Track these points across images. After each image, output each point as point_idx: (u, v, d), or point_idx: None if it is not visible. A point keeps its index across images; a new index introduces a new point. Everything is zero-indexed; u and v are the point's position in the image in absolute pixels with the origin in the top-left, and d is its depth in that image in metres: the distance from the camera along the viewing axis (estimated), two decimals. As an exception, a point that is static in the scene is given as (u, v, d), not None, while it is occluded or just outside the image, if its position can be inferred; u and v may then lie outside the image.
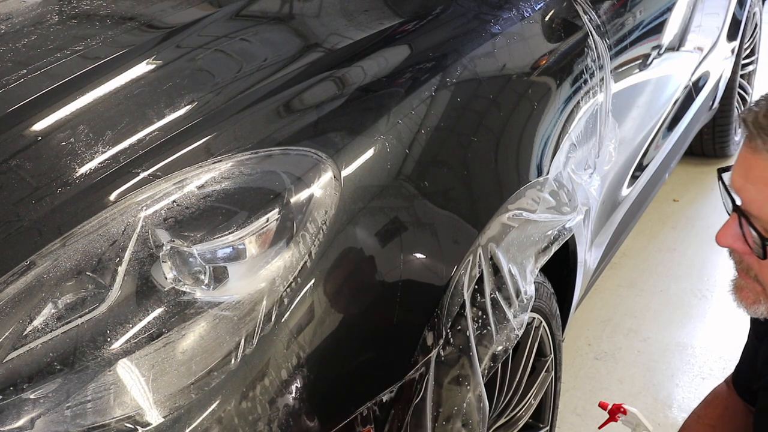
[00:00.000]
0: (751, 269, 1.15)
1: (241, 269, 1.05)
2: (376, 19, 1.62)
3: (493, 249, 1.35)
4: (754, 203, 1.08)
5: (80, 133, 1.26)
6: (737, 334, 1.46)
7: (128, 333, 0.99)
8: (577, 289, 1.94)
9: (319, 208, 1.12)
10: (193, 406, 0.97)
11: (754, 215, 1.08)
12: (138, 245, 1.05)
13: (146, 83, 1.38)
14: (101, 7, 1.72)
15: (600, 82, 1.84)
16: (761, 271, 1.13)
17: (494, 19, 1.67)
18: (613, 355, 2.52)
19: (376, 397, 1.15)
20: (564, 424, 2.21)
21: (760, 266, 1.12)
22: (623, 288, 2.86)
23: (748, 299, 1.18)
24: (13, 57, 1.50)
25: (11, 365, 0.96)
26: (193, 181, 1.12)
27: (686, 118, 2.84)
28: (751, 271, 1.15)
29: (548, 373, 1.75)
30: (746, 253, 1.13)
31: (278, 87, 1.35)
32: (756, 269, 1.14)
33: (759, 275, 1.14)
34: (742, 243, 1.12)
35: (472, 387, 1.27)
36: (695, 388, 2.35)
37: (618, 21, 2.04)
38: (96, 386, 0.95)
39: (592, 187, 1.83)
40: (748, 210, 1.09)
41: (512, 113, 1.54)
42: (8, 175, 1.20)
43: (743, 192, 1.10)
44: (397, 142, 1.27)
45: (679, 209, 3.38)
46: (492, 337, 1.34)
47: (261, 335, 1.02)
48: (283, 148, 1.20)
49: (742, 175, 1.09)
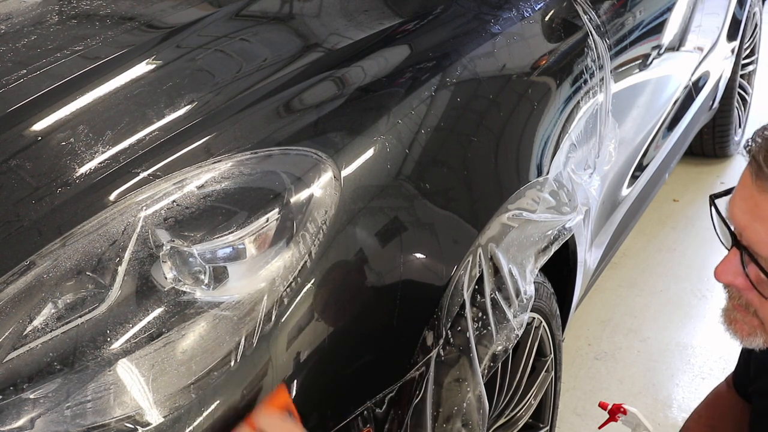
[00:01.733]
0: (750, 305, 1.10)
1: (241, 269, 1.05)
2: (376, 19, 1.62)
3: (493, 249, 1.35)
4: (762, 244, 1.01)
5: (80, 133, 1.26)
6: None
7: (128, 333, 0.99)
8: (577, 289, 1.94)
9: (319, 208, 1.12)
10: (193, 406, 0.97)
11: (758, 253, 1.03)
12: (138, 245, 1.05)
13: (146, 83, 1.38)
14: (101, 7, 1.72)
15: (600, 82, 1.84)
16: (762, 307, 1.08)
17: (494, 19, 1.67)
18: (613, 355, 2.52)
19: (376, 397, 1.15)
20: (564, 424, 2.21)
21: (761, 303, 1.07)
22: (623, 288, 2.86)
23: (743, 332, 1.13)
24: (13, 57, 1.50)
25: (11, 365, 0.96)
26: (193, 181, 1.12)
27: (686, 118, 2.84)
28: (751, 307, 1.10)
29: (548, 373, 1.75)
30: (747, 290, 1.08)
31: (278, 87, 1.35)
32: (756, 305, 1.09)
33: (759, 311, 1.09)
34: (744, 279, 1.06)
35: (472, 387, 1.27)
36: (695, 388, 2.35)
37: (618, 21, 2.04)
38: (96, 386, 0.95)
39: (592, 187, 1.83)
40: (753, 249, 1.03)
41: (512, 113, 1.54)
42: (8, 175, 1.20)
43: (749, 230, 1.03)
44: (397, 142, 1.27)
45: (679, 209, 3.38)
46: (492, 337, 1.34)
47: (261, 335, 1.02)
48: (283, 148, 1.20)
49: (748, 212, 1.02)
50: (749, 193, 1.02)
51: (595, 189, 1.85)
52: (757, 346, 1.13)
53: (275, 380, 1.02)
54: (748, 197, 1.02)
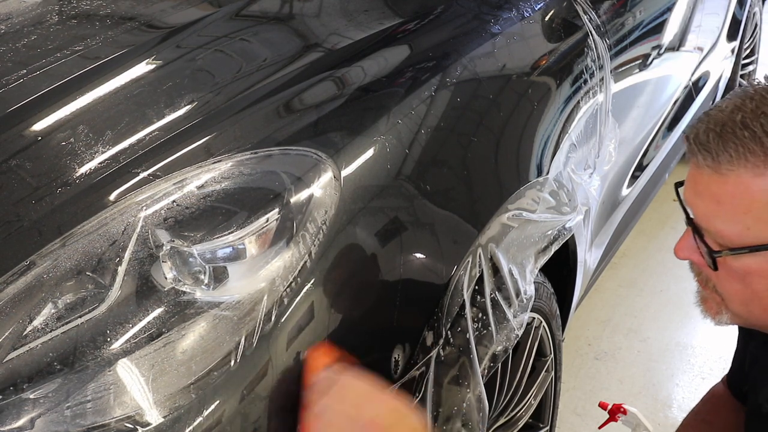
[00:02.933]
0: (710, 280, 1.18)
1: (241, 269, 1.05)
2: (376, 19, 1.62)
3: (492, 249, 1.35)
4: (703, 217, 1.12)
5: (80, 133, 1.26)
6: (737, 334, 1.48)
7: (128, 333, 0.99)
8: (577, 289, 1.94)
9: (319, 208, 1.12)
10: (193, 406, 0.97)
11: (704, 227, 1.12)
12: (138, 245, 1.05)
13: (146, 83, 1.38)
14: (101, 7, 1.72)
15: (600, 82, 1.84)
16: (719, 282, 1.15)
17: (494, 19, 1.67)
18: (613, 355, 2.52)
19: (376, 397, 1.15)
20: (564, 424, 2.21)
21: (717, 278, 1.14)
22: (623, 288, 2.86)
23: (711, 310, 1.21)
24: (13, 57, 1.50)
25: (11, 365, 0.96)
26: (193, 181, 1.12)
27: (686, 118, 2.84)
28: (710, 282, 1.18)
29: (548, 373, 1.75)
30: (703, 265, 1.16)
31: (278, 87, 1.35)
32: (714, 281, 1.16)
33: (717, 286, 1.16)
34: (698, 255, 1.15)
35: (472, 387, 1.27)
36: (695, 388, 2.35)
37: (618, 21, 2.04)
38: (96, 386, 0.95)
39: (592, 187, 1.83)
40: (699, 223, 1.13)
41: (512, 113, 1.54)
42: (8, 175, 1.20)
43: (693, 206, 1.14)
44: (397, 142, 1.27)
45: (679, 209, 3.37)
46: (492, 337, 1.34)
47: (261, 335, 1.02)
48: (283, 148, 1.19)
49: (691, 189, 1.13)
50: (691, 172, 1.13)
51: (595, 189, 1.85)
52: (725, 324, 1.21)
53: (275, 380, 1.02)
54: (691, 177, 1.13)
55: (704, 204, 1.11)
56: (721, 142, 1.06)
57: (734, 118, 1.06)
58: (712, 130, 1.07)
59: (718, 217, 1.09)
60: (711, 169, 1.07)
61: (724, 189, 1.07)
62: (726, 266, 1.11)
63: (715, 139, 1.07)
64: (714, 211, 1.09)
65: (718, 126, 1.07)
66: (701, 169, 1.09)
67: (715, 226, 1.10)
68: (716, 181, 1.07)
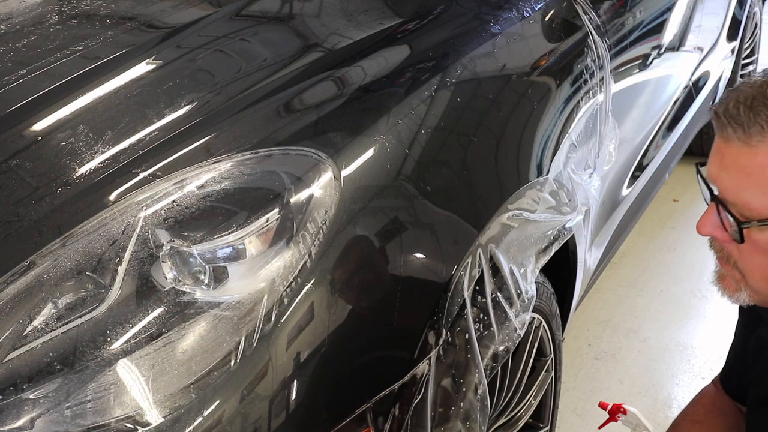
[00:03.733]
0: (731, 257, 1.18)
1: (241, 269, 1.05)
2: (376, 19, 1.62)
3: (492, 249, 1.35)
4: (729, 190, 1.12)
5: (80, 133, 1.26)
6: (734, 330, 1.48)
7: (128, 333, 0.99)
8: (577, 289, 1.94)
9: (319, 208, 1.12)
10: (193, 406, 0.97)
11: (730, 201, 1.12)
12: (138, 245, 1.05)
13: (146, 83, 1.38)
14: (101, 7, 1.72)
15: (600, 82, 1.84)
16: (741, 258, 1.16)
17: (494, 19, 1.67)
18: (613, 355, 2.52)
19: (376, 397, 1.15)
20: (564, 424, 2.21)
21: (740, 253, 1.16)
22: (623, 288, 2.86)
23: (730, 287, 1.21)
24: (13, 57, 1.50)
25: (11, 365, 0.96)
26: (193, 181, 1.12)
27: (686, 118, 2.84)
28: (731, 258, 1.18)
29: (548, 373, 1.75)
30: (726, 241, 1.17)
31: (278, 87, 1.35)
32: (736, 257, 1.17)
33: (738, 263, 1.17)
34: (722, 230, 1.16)
35: (472, 387, 1.27)
36: (695, 388, 2.34)
37: (618, 21, 2.04)
38: (96, 386, 0.95)
39: (592, 187, 1.83)
40: (725, 197, 1.13)
41: (512, 113, 1.54)
42: (8, 175, 1.20)
43: (719, 180, 1.14)
44: (397, 142, 1.27)
45: (679, 209, 3.38)
46: (494, 336, 1.34)
47: (261, 335, 1.02)
48: (283, 148, 1.20)
49: (717, 164, 1.13)
50: (716, 147, 1.13)
51: (595, 189, 1.85)
52: (744, 302, 1.21)
53: (275, 380, 1.02)
54: (716, 151, 1.14)
55: (731, 177, 1.11)
56: (753, 114, 1.07)
57: (764, 91, 1.08)
58: (743, 104, 1.08)
59: (746, 189, 1.09)
60: (741, 142, 1.08)
61: (754, 161, 1.07)
62: (751, 239, 1.12)
63: (746, 112, 1.08)
64: (742, 183, 1.10)
65: (749, 99, 1.08)
66: (730, 143, 1.10)
67: (743, 198, 1.10)
68: (746, 153, 1.08)
